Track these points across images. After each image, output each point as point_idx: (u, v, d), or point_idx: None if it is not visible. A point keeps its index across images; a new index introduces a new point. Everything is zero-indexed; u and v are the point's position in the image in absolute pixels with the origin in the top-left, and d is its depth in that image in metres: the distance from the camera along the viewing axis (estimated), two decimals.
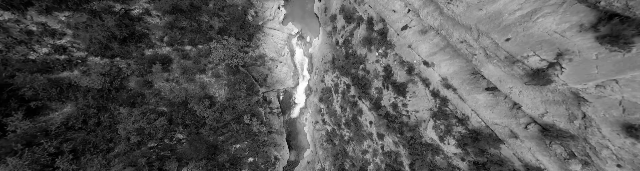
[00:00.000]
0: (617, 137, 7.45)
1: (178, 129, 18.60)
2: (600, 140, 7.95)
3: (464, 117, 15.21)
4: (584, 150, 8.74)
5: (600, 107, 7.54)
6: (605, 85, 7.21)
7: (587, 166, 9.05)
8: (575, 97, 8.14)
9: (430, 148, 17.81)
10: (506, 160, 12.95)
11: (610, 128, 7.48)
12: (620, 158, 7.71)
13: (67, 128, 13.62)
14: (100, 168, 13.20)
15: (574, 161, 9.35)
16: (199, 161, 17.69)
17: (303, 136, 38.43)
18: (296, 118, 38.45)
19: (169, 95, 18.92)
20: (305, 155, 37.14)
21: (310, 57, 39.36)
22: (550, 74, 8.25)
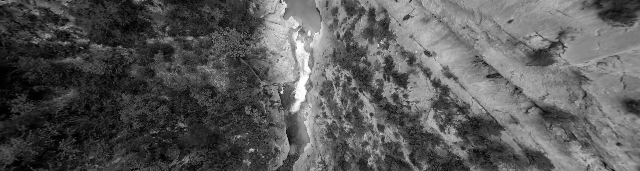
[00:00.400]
0: (617, 114, 7.49)
1: (180, 118, 18.69)
2: (600, 118, 8.00)
3: (464, 106, 15.25)
4: (584, 131, 8.79)
5: (601, 84, 7.58)
6: (606, 62, 7.23)
7: (587, 147, 9.11)
8: (576, 76, 8.17)
9: (431, 138, 17.89)
10: (506, 147, 13.01)
11: (611, 105, 7.52)
12: (620, 136, 7.76)
13: (70, 113, 13.70)
14: (102, 152, 13.30)
15: (574, 142, 9.41)
16: (201, 150, 17.81)
17: (303, 130, 38.56)
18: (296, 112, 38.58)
19: (171, 84, 18.99)
20: (306, 149, 37.29)
21: (311, 51, 39.35)
22: (551, 54, 8.28)
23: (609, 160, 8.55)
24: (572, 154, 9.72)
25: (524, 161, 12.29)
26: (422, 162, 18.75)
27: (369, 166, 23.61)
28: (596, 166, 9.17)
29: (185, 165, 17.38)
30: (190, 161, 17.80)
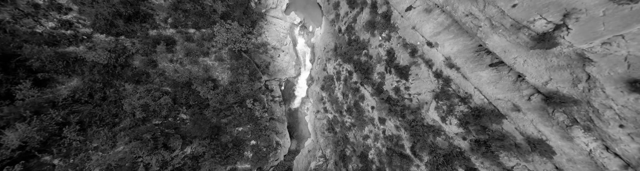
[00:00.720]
0: (620, 95, 7.49)
1: (182, 109, 18.77)
2: (603, 100, 8.00)
3: (466, 96, 15.26)
4: (586, 115, 8.80)
5: (605, 65, 7.57)
6: (611, 42, 7.22)
7: (589, 132, 9.12)
8: (580, 58, 8.16)
9: (432, 129, 17.92)
10: (508, 135, 13.04)
11: (614, 86, 7.52)
12: (623, 118, 7.76)
13: (74, 101, 13.78)
14: (106, 140, 13.39)
15: (576, 127, 9.42)
16: (203, 140, 17.90)
17: (304, 125, 38.69)
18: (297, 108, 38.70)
19: (173, 76, 19.04)
20: (306, 144, 37.44)
21: (312, 46, 39.35)
22: (555, 37, 8.26)
23: (612, 143, 8.56)
24: (574, 139, 9.74)
25: (526, 150, 12.32)
26: (423, 154, 18.80)
27: (370, 159, 23.69)
28: (598, 151, 9.19)
29: (187, 155, 17.49)
30: (192, 152, 17.90)
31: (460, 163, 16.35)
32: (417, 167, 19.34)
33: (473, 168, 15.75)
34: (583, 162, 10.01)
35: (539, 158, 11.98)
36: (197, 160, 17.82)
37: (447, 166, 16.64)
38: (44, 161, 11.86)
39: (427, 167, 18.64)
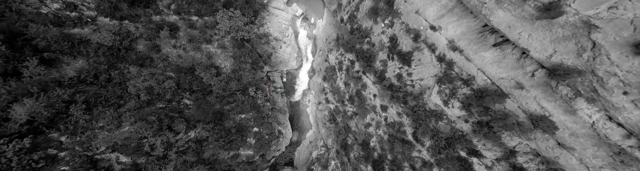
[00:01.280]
0: (625, 60, 7.53)
1: (185, 95, 18.89)
2: (608, 68, 8.05)
3: (469, 78, 15.31)
4: (590, 85, 8.85)
5: (610, 30, 7.59)
6: (617, 5, 7.23)
7: (593, 103, 9.19)
8: (586, 26, 8.18)
9: (434, 114, 18.01)
10: (510, 114, 13.11)
11: (619, 51, 7.56)
12: (627, 84, 7.82)
13: (80, 81, 13.87)
14: (111, 120, 13.52)
15: (580, 99, 9.48)
16: (207, 125, 18.05)
17: (305, 117, 38.88)
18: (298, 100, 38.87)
19: (177, 61, 19.11)
20: (308, 136, 37.68)
21: (314, 38, 39.33)
22: (561, 5, 8.28)
23: (615, 113, 8.63)
24: (577, 112, 9.81)
25: (528, 128, 12.41)
26: (425, 139, 18.94)
27: (372, 147, 23.87)
28: (601, 122, 9.27)
29: (191, 139, 17.65)
30: (196, 136, 18.07)
31: (462, 146, 16.48)
32: (419, 152, 19.50)
33: (475, 150, 15.88)
34: (586, 135, 10.10)
35: (541, 135, 12.08)
36: (201, 144, 18.00)
37: (449, 149, 16.78)
38: (52, 138, 12.00)
39: (428, 152, 18.79)
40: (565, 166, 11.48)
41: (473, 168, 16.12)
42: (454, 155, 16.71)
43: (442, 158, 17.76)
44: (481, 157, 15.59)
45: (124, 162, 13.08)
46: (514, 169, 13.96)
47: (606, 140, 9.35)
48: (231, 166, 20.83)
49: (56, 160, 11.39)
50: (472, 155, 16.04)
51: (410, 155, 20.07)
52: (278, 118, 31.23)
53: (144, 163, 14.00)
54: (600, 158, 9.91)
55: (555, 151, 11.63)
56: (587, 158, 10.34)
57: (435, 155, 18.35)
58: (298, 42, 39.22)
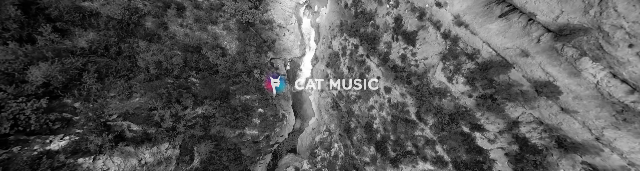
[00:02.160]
0: (632, 10, 7.67)
1: (192, 74, 19.14)
2: (614, 21, 8.18)
3: (474, 52, 15.46)
4: (596, 42, 9.00)
5: None
6: None
7: (598, 61, 9.36)
8: None
9: (438, 91, 18.22)
10: (514, 84, 13.31)
11: (627, 1, 7.69)
12: (633, 35, 7.97)
13: (91, 52, 14.13)
14: (122, 90, 13.80)
15: (585, 59, 9.65)
16: (214, 101, 18.35)
17: (308, 105, 39.25)
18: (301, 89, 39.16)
19: (184, 40, 19.30)
20: (310, 123, 38.10)
21: (317, 26, 39.39)
22: None
23: (620, 68, 8.80)
24: (582, 73, 9.99)
25: (532, 96, 12.61)
26: (428, 117, 19.19)
27: (375, 129, 24.18)
28: (605, 80, 9.45)
29: (198, 115, 17.99)
30: (203, 113, 18.39)
31: (465, 121, 16.74)
32: (422, 131, 19.78)
33: (477, 124, 16.14)
34: (589, 97, 10.30)
35: (544, 102, 12.29)
36: (208, 120, 18.33)
37: (452, 125, 17.05)
38: (66, 103, 12.31)
39: (431, 130, 19.07)
40: (568, 132, 11.73)
41: (476, 142, 16.41)
42: (457, 130, 16.99)
43: (445, 135, 18.05)
44: (484, 131, 15.86)
45: (135, 130, 13.41)
46: (516, 140, 14.23)
47: (609, 98, 9.55)
48: (236, 145, 21.22)
49: (71, 123, 11.73)
50: (475, 130, 16.30)
51: (413, 134, 20.36)
52: (282, 104, 31.55)
53: (154, 133, 14.34)
54: (602, 119, 10.13)
55: (558, 117, 11.86)
56: (590, 120, 10.56)
57: (438, 133, 18.64)
58: (301, 30, 39.31)
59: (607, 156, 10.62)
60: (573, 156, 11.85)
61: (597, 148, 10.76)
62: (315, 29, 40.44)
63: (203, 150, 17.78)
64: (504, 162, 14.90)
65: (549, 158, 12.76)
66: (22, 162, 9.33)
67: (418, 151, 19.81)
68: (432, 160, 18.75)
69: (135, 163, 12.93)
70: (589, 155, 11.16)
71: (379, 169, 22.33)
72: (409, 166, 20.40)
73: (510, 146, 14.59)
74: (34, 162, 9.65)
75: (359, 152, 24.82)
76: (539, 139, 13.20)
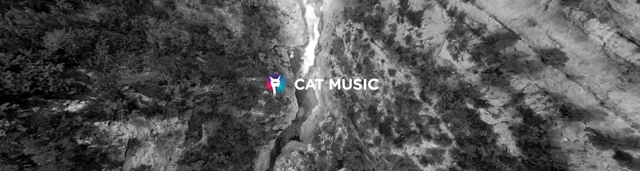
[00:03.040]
0: None
1: (199, 54, 19.34)
2: None
3: (480, 27, 15.55)
4: (604, 1, 9.11)
5: None
6: None
7: (605, 21, 9.48)
8: None
9: (443, 70, 18.39)
10: (520, 55, 13.45)
11: None
12: None
13: (102, 26, 14.34)
14: (133, 63, 14.06)
15: (592, 20, 9.77)
16: (221, 80, 18.60)
17: (311, 94, 39.51)
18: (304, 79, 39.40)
19: (191, 20, 19.44)
20: (314, 111, 38.45)
21: (321, 15, 39.36)
22: None
23: (627, 27, 8.93)
24: (589, 35, 10.12)
25: (538, 65, 12.76)
26: (432, 97, 19.40)
27: (379, 112, 24.46)
28: (612, 41, 9.58)
29: (206, 93, 18.27)
30: (211, 91, 18.67)
31: (469, 98, 16.95)
32: (426, 111, 20.03)
33: (482, 100, 16.35)
34: (595, 60, 10.46)
35: (550, 71, 12.45)
36: (216, 98, 18.62)
37: (457, 101, 17.27)
38: (80, 72, 12.57)
39: (435, 109, 19.32)
40: (573, 99, 11.92)
41: (480, 118, 16.64)
42: (461, 107, 17.21)
43: (449, 113, 18.28)
44: (488, 107, 16.07)
45: (146, 101, 13.69)
46: (520, 112, 14.45)
47: (616, 59, 9.71)
48: (242, 126, 21.57)
49: (85, 91, 12.00)
50: (479, 106, 16.52)
51: (417, 114, 20.61)
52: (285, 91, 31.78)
53: (165, 106, 14.63)
54: (608, 82, 10.31)
55: (563, 85, 12.03)
56: (595, 85, 10.75)
57: (442, 111, 18.87)
58: (305, 18, 39.32)
59: (611, 120, 10.84)
60: (577, 123, 12.08)
61: (601, 112, 10.97)
62: (319, 17, 40.40)
63: (211, 127, 18.12)
64: (508, 136, 15.16)
65: (553, 128, 13.00)
66: (43, 119, 9.65)
67: (422, 130, 20.09)
68: (436, 138, 19.05)
69: (147, 132, 13.26)
70: (593, 120, 11.39)
71: (383, 149, 22.69)
72: (412, 146, 20.73)
73: (514, 119, 14.82)
74: (54, 120, 10.00)
75: (362, 135, 25.17)
76: (543, 110, 13.41)
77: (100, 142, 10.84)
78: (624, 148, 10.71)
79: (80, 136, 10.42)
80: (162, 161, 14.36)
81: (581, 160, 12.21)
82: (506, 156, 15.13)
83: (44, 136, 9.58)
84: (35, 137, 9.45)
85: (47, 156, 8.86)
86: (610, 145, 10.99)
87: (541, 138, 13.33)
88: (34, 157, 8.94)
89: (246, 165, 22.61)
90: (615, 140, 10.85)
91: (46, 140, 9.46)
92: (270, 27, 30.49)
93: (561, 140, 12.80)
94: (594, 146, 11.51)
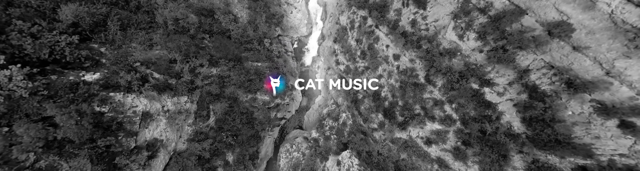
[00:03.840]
0: None
1: (206, 37, 19.51)
2: None
3: (486, 5, 15.63)
4: None
5: None
6: None
7: None
8: None
9: (448, 51, 18.54)
10: (527, 31, 13.58)
11: None
12: None
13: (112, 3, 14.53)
14: (144, 41, 14.28)
15: None
16: (228, 62, 18.83)
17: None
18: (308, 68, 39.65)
19: (198, 3, 19.56)
20: (317, 100, 38.79)
21: (324, 5, 39.32)
22: None
23: None
24: (597, 4, 10.25)
25: (544, 39, 12.91)
26: (437, 79, 19.59)
27: (383, 97, 24.71)
28: (620, 7, 9.70)
29: (214, 75, 18.51)
30: (218, 73, 18.91)
31: (474, 78, 17.14)
32: (430, 93, 20.25)
33: (486, 80, 16.54)
34: (602, 29, 10.60)
35: (556, 44, 12.59)
36: (223, 80, 18.88)
37: (462, 81, 17.47)
38: (93, 47, 12.81)
39: (440, 91, 19.53)
40: (578, 70, 12.10)
41: (485, 98, 16.85)
42: (466, 86, 17.41)
43: (454, 94, 18.51)
44: (493, 85, 16.26)
45: (157, 78, 13.95)
46: (525, 88, 14.64)
47: (623, 26, 9.85)
48: (249, 110, 21.88)
49: (100, 64, 12.26)
50: (484, 86, 16.71)
51: (421, 97, 20.84)
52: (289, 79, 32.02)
53: (175, 84, 14.90)
54: (614, 51, 10.47)
55: (569, 57, 12.20)
56: (601, 54, 10.91)
57: (446, 93, 19.09)
58: (308, 9, 39.28)
59: (616, 90, 11.04)
60: (582, 95, 12.27)
61: (607, 82, 11.16)
62: (322, 7, 40.37)
63: (218, 108, 18.42)
64: (513, 113, 15.39)
65: (557, 102, 13.22)
66: (62, 85, 9.92)
67: (426, 112, 20.35)
68: (440, 119, 19.31)
69: (159, 107, 13.55)
70: (598, 91, 11.58)
71: (387, 133, 23.02)
72: (417, 128, 21.03)
73: (519, 96, 15.03)
74: (72, 86, 10.26)
75: (366, 120, 25.48)
76: (548, 85, 13.60)
77: (116, 111, 11.14)
78: (628, 116, 10.94)
79: (98, 104, 10.72)
80: (173, 137, 14.70)
81: (585, 132, 12.46)
82: (510, 133, 15.40)
83: (65, 100, 9.88)
84: (56, 102, 9.74)
85: (69, 118, 9.17)
86: (615, 114, 11.22)
87: (546, 113, 13.56)
88: (56, 118, 9.27)
89: (252, 148, 23.03)
90: (619, 109, 11.07)
91: (66, 104, 9.77)
92: (274, 15, 30.55)
93: (566, 113, 13.03)
94: (598, 116, 11.73)
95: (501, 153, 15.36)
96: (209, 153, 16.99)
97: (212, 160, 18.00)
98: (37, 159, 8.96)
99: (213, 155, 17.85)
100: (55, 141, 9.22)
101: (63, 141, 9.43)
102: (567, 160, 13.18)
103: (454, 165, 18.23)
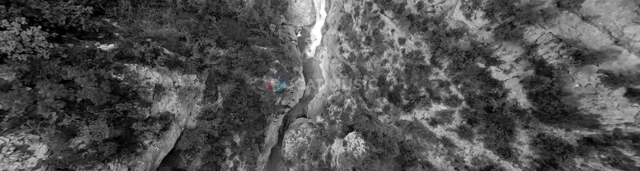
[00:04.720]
0: None
1: (213, 19, 19.58)
2: None
3: None
4: None
5: None
6: None
7: None
8: None
9: (455, 32, 18.58)
10: (536, 4, 13.60)
11: None
12: None
13: None
14: (154, 18, 14.41)
15: None
16: (236, 44, 18.96)
17: (318, 73, 39.94)
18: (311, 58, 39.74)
19: None
20: (320, 89, 39.00)
21: None
22: None
23: None
24: None
25: (553, 12, 12.95)
26: (443, 60, 19.70)
27: (388, 82, 24.87)
28: None
29: (222, 56, 18.66)
30: (226, 54, 19.06)
31: (481, 57, 17.23)
32: (436, 75, 20.38)
33: (493, 58, 16.63)
34: None
35: (565, 16, 12.65)
36: (231, 61, 19.06)
37: (468, 60, 17.58)
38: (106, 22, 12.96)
39: (446, 72, 19.65)
40: (587, 41, 12.18)
41: (491, 76, 16.96)
42: (473, 65, 17.52)
43: (460, 74, 18.64)
44: (500, 63, 16.35)
45: (167, 54, 14.14)
46: (533, 63, 14.73)
47: None
48: (255, 93, 22.10)
49: (113, 37, 12.45)
50: (490, 64, 16.80)
51: (427, 79, 20.99)
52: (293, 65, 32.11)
53: (185, 61, 15.08)
54: (623, 18, 10.54)
55: (578, 28, 12.26)
56: (611, 22, 10.98)
57: (452, 74, 19.22)
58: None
59: (624, 58, 11.15)
60: (589, 67, 12.38)
61: (615, 51, 11.26)
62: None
63: (226, 89, 18.64)
64: (519, 89, 15.52)
65: (564, 75, 13.35)
66: (80, 50, 10.14)
67: (432, 94, 20.53)
68: (445, 100, 19.49)
69: (170, 82, 13.77)
70: (606, 61, 11.69)
71: (392, 116, 23.27)
72: (422, 110, 21.25)
73: (525, 72, 15.14)
74: (90, 53, 10.50)
75: (371, 105, 25.70)
76: (555, 58, 13.69)
77: (131, 80, 11.38)
78: (636, 84, 11.07)
79: (114, 72, 10.95)
80: (184, 113, 14.97)
81: (592, 103, 12.62)
82: (516, 109, 15.59)
83: (83, 65, 10.08)
84: (74, 66, 9.94)
85: (88, 81, 9.39)
86: (622, 83, 11.34)
87: (552, 87, 13.69)
88: (77, 79, 9.50)
89: (258, 131, 23.37)
90: (627, 77, 11.20)
91: (85, 68, 9.98)
92: (279, 1, 30.48)
93: (572, 86, 13.16)
94: (606, 87, 11.85)
95: (507, 128, 15.57)
96: (218, 132, 17.29)
97: (221, 139, 18.32)
98: (59, 118, 9.25)
99: (221, 134, 18.17)
100: (75, 103, 9.50)
101: (83, 103, 9.73)
102: (573, 132, 13.38)
103: (459, 144, 18.50)
